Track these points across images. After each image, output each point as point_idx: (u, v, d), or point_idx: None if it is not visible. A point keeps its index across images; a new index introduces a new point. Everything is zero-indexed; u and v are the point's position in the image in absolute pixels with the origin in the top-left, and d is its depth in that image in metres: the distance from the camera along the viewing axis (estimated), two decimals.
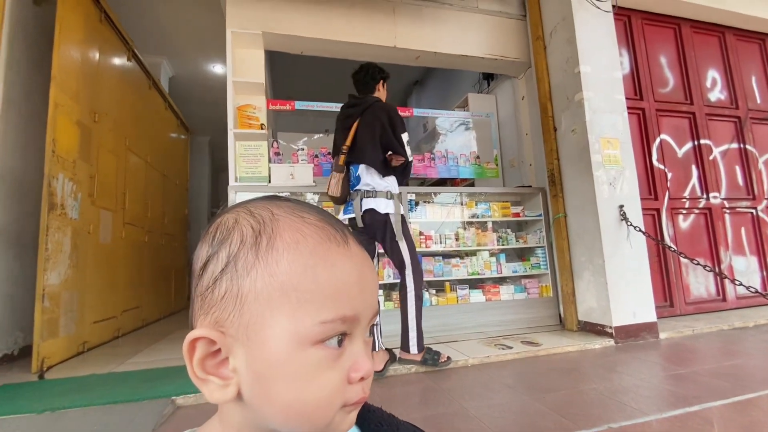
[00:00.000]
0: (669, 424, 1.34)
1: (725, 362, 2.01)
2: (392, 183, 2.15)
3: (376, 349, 2.03)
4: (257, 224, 0.31)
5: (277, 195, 0.34)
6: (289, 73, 5.29)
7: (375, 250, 2.22)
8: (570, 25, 2.86)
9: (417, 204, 3.05)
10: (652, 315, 2.64)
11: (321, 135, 3.68)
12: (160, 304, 4.30)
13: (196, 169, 6.57)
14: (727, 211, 3.43)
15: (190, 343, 0.30)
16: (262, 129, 2.82)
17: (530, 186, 3.38)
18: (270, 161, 2.86)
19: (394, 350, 2.14)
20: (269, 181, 2.74)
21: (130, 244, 3.51)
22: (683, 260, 3.09)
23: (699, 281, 3.21)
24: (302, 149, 3.11)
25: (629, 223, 2.64)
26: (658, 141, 3.28)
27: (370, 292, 0.33)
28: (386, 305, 2.75)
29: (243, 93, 2.92)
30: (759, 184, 3.57)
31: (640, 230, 2.64)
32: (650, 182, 3.20)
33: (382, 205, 2.06)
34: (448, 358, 2.11)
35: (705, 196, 3.36)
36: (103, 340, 2.97)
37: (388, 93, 2.34)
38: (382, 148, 2.09)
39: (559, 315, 3.06)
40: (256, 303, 0.29)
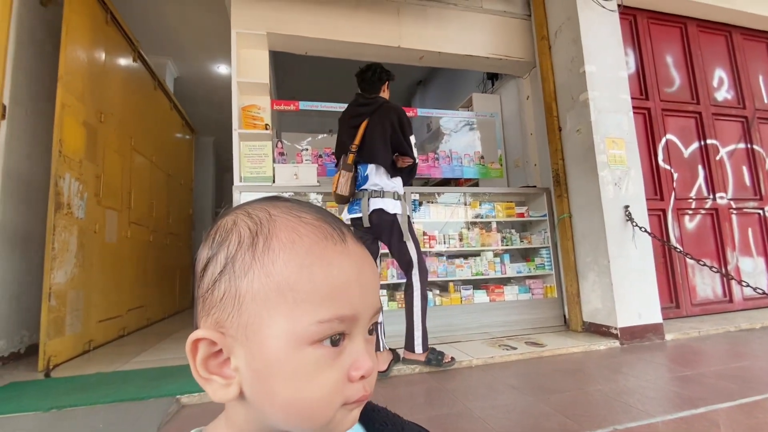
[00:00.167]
0: (675, 426, 1.33)
1: (732, 364, 1.99)
2: (399, 184, 2.16)
3: (380, 350, 2.04)
4: (254, 225, 0.31)
5: (278, 196, 0.34)
6: (293, 74, 5.30)
7: (378, 250, 2.22)
8: (575, 25, 2.85)
9: (421, 204, 3.04)
10: (657, 316, 2.62)
11: (325, 135, 3.68)
12: (164, 303, 4.33)
13: (201, 169, 6.60)
14: (734, 212, 3.40)
15: (193, 343, 0.30)
16: (266, 129, 2.83)
17: (535, 186, 3.37)
18: (274, 161, 2.87)
19: (397, 350, 2.14)
20: (273, 181, 2.75)
21: (136, 243, 3.53)
22: (689, 261, 3.06)
23: (705, 282, 3.18)
24: (306, 149, 3.12)
25: (635, 224, 2.62)
26: (663, 141, 3.26)
27: (370, 290, 0.32)
28: (390, 306, 2.75)
29: (247, 93, 2.93)
30: (766, 185, 3.54)
31: (646, 231, 2.62)
32: (656, 182, 3.18)
33: (390, 206, 2.06)
34: (452, 358, 2.10)
35: (711, 196, 3.34)
36: (109, 338, 2.99)
37: (390, 94, 2.34)
38: (391, 149, 2.10)
39: (564, 316, 3.05)
40: (253, 303, 0.29)
